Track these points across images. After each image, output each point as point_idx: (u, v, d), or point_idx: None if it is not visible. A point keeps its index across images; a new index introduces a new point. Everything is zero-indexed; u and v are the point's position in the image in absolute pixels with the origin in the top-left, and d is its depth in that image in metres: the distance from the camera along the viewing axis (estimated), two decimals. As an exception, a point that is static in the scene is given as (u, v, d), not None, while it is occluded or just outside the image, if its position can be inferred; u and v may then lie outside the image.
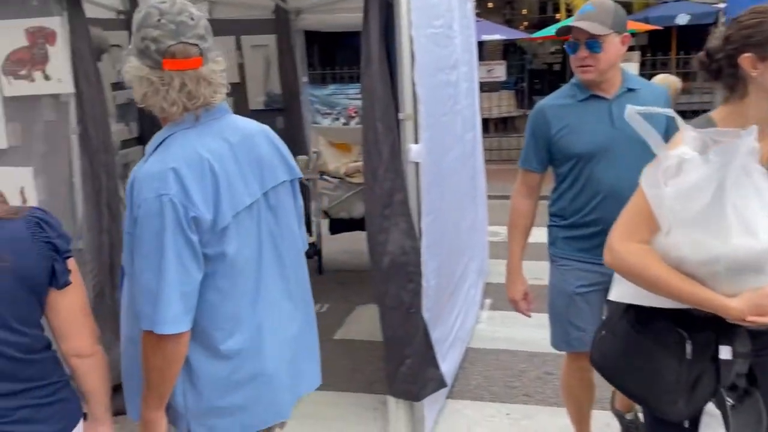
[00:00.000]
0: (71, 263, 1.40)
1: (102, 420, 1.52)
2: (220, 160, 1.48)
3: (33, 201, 2.94)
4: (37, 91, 2.87)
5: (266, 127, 1.69)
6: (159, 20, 1.42)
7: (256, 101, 5.57)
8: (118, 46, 3.69)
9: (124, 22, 3.89)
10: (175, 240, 1.40)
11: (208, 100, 1.47)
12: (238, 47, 5.45)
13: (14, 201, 2.96)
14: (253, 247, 1.56)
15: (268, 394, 1.63)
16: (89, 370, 1.45)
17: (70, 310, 1.40)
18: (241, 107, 5.61)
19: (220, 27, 5.37)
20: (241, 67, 5.51)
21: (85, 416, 1.51)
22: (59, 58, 2.80)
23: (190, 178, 1.42)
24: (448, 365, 3.11)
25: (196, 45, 1.44)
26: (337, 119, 9.42)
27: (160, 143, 1.50)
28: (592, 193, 2.23)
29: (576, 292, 2.31)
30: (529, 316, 2.49)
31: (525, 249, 2.43)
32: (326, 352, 3.80)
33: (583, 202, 2.26)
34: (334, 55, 13.35)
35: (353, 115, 8.96)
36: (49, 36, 2.77)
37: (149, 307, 1.42)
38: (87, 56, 2.86)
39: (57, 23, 2.78)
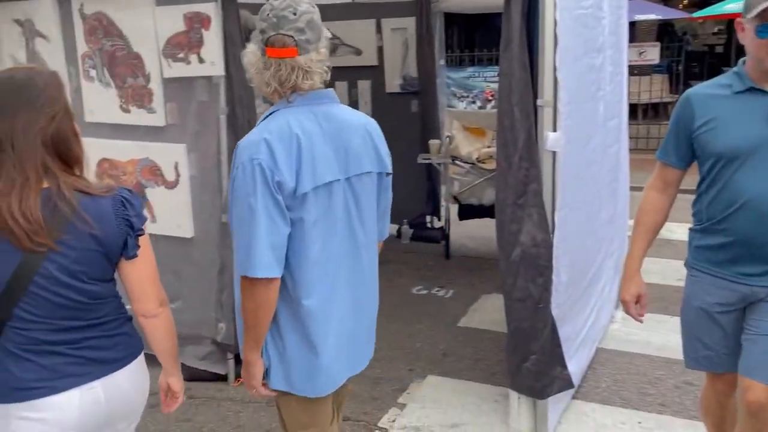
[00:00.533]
0: (142, 239, 1.60)
1: (170, 372, 1.77)
2: (308, 138, 1.67)
3: (185, 175, 3.18)
4: (192, 74, 3.07)
5: (369, 122, 1.85)
6: (267, 14, 1.68)
7: (393, 84, 5.62)
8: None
9: (272, 6, 4.05)
10: (264, 198, 1.62)
11: (298, 85, 1.69)
12: (379, 30, 5.51)
13: (169, 174, 3.23)
14: (330, 222, 1.73)
15: (322, 364, 1.78)
16: (153, 329, 1.68)
17: (138, 277, 1.63)
18: (378, 90, 5.70)
19: (362, 11, 5.50)
20: (380, 51, 5.58)
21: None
22: (213, 41, 2.97)
23: (279, 149, 1.63)
24: (575, 364, 2.97)
25: (292, 36, 1.65)
26: (473, 102, 9.26)
27: (265, 118, 1.74)
28: (730, 199, 1.95)
29: (703, 308, 2.07)
30: (641, 321, 2.26)
31: (648, 248, 2.19)
32: (449, 339, 3.88)
33: (719, 209, 1.98)
34: (474, 37, 13.14)
35: (490, 98, 8.76)
36: (205, 20, 2.95)
37: (244, 254, 1.65)
38: (237, 40, 3.01)
39: (211, 8, 2.95)
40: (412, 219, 5.68)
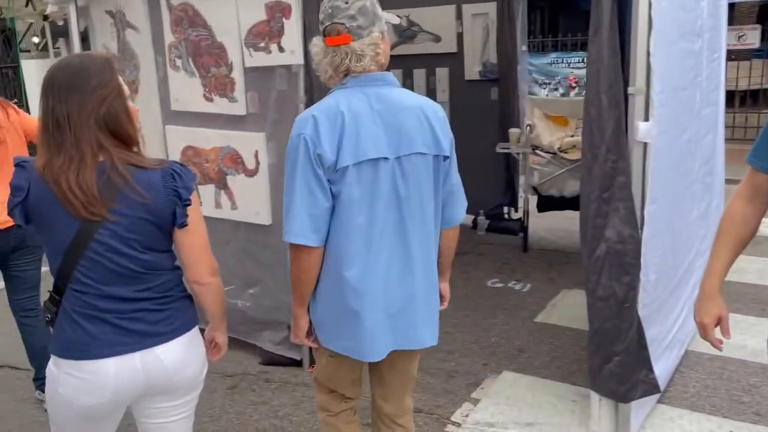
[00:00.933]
0: (191, 209, 1.68)
1: (217, 327, 1.91)
2: (354, 116, 1.76)
3: (264, 163, 3.22)
4: (272, 63, 3.09)
5: (427, 104, 1.88)
6: (325, 5, 1.82)
7: (472, 71, 5.50)
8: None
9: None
10: (305, 170, 1.75)
11: (351, 68, 1.79)
12: (459, 16, 5.40)
13: (250, 162, 3.28)
14: (375, 198, 1.80)
15: (361, 331, 1.87)
16: (203, 296, 1.78)
17: (189, 245, 1.71)
18: (456, 78, 5.60)
19: (442, -3, 5.36)
20: (459, 37, 5.47)
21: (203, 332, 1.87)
22: (293, 31, 2.97)
23: (324, 125, 1.75)
24: (662, 367, 2.81)
25: (344, 24, 1.76)
26: (556, 89, 8.96)
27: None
28: None
29: None
30: (720, 349, 1.87)
31: (733, 263, 1.81)
32: (525, 334, 3.77)
33: None
34: (557, 21, 12.68)
35: (574, 85, 8.45)
36: (285, 10, 2.96)
37: (285, 221, 1.82)
38: (316, 29, 3.00)
39: (293, -3, 2.95)
40: (488, 210, 5.56)
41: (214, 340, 1.93)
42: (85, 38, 3.86)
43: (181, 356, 1.73)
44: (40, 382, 3.11)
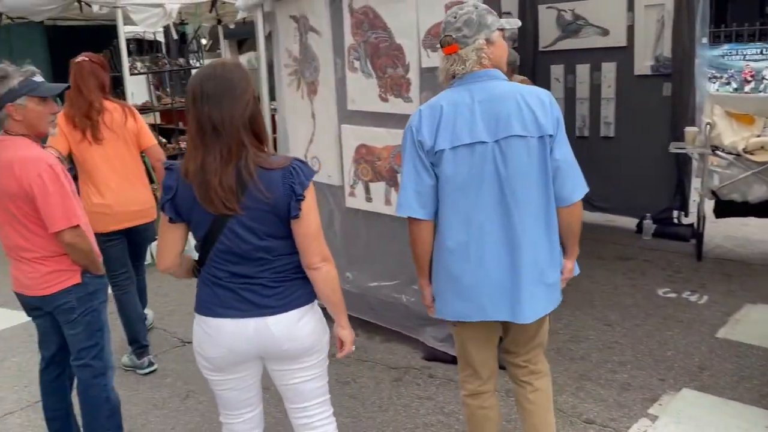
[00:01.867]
0: (304, 203, 1.88)
1: (338, 323, 2.09)
2: (453, 107, 2.05)
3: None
4: (448, 62, 3.11)
5: (525, 91, 2.08)
6: (442, 22, 2.13)
7: (643, 66, 5.19)
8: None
9: None
10: (411, 154, 2.10)
11: (456, 71, 2.09)
12: (630, 8, 5.11)
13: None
14: (473, 178, 2.05)
15: (464, 293, 2.11)
16: (317, 280, 1.98)
17: (302, 234, 1.92)
18: (624, 73, 5.32)
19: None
20: (630, 30, 5.18)
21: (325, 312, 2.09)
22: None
23: (426, 116, 2.08)
24: None
25: (452, 35, 2.06)
26: (728, 84, 8.24)
27: None
28: None
29: None
30: None
31: None
32: (706, 351, 3.51)
33: None
34: (725, 10, 11.62)
35: (749, 78, 7.79)
36: (465, 10, 2.96)
37: (398, 197, 2.15)
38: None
39: (472, -3, 2.95)
40: (655, 213, 5.23)
41: (338, 337, 2.10)
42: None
43: (288, 327, 1.97)
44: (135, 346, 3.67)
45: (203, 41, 14.73)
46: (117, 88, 5.54)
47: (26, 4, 5.75)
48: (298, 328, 1.98)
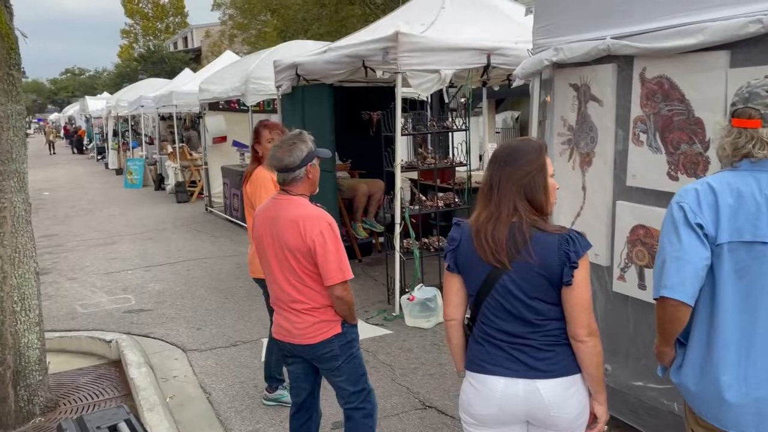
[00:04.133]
0: (578, 272, 1.90)
1: (596, 397, 2.04)
2: (737, 198, 1.82)
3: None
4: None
5: None
6: (742, 89, 1.89)
7: None
8: None
9: None
10: (682, 235, 1.83)
11: (752, 153, 1.83)
12: None
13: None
14: (751, 281, 1.81)
15: (726, 405, 1.86)
16: (581, 352, 1.97)
17: (571, 303, 1.93)
18: None
19: None
20: None
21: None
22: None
23: (705, 199, 1.85)
24: None
25: (758, 110, 1.82)
26: None
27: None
28: None
29: None
30: None
31: None
32: None
33: None
34: None
35: None
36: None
37: (659, 276, 1.89)
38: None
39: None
40: None
41: (592, 411, 2.05)
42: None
43: (559, 395, 1.96)
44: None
45: (462, 100, 15.35)
46: (387, 148, 5.90)
47: (322, 69, 6.48)
48: (567, 396, 1.98)
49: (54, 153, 32.83)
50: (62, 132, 39.50)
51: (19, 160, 3.98)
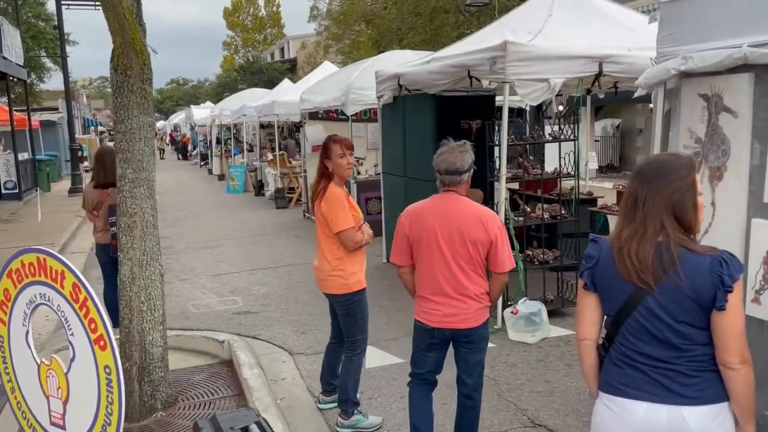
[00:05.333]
0: (731, 296, 1.80)
1: (743, 428, 1.92)
2: None
3: None
4: None
5: None
6: None
7: None
8: None
9: None
10: None
11: None
12: None
13: None
14: None
15: None
16: (730, 380, 1.86)
17: (722, 328, 1.84)
18: None
19: None
20: None
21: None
22: None
23: None
24: None
25: None
26: None
27: None
28: None
29: None
30: None
31: None
32: None
33: None
34: None
35: None
36: None
37: None
38: None
39: None
40: None
41: None
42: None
43: (705, 423, 1.87)
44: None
45: (560, 108, 14.96)
46: (492, 158, 5.84)
47: (425, 79, 6.52)
48: (713, 425, 1.89)
49: (162, 158, 35.21)
50: (168, 139, 42.05)
51: (149, 169, 4.24)
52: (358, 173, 11.00)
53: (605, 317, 2.06)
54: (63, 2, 19.08)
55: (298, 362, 5.09)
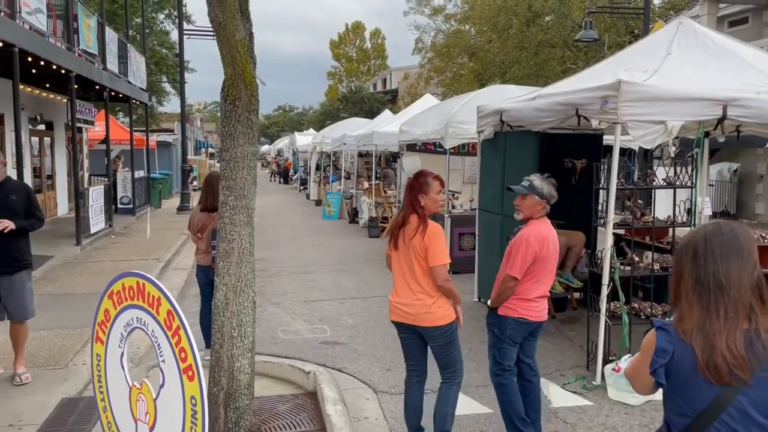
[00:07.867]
0: None
1: None
2: None
3: None
4: None
5: None
6: None
7: None
8: None
9: None
10: None
11: None
12: None
13: None
14: None
15: None
16: None
17: None
18: None
19: None
20: None
21: None
22: None
23: None
24: None
25: None
26: None
27: None
28: None
29: None
30: None
31: None
32: None
33: None
34: None
35: None
36: None
37: None
38: None
39: None
40: None
41: None
42: None
43: None
44: None
45: (672, 149, 14.13)
46: (597, 201, 5.51)
47: (530, 116, 6.30)
48: None
49: (272, 181, 38.12)
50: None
51: (249, 197, 4.31)
52: (453, 207, 10.83)
53: (676, 416, 1.77)
54: (185, 33, 20.51)
55: (382, 401, 4.95)
